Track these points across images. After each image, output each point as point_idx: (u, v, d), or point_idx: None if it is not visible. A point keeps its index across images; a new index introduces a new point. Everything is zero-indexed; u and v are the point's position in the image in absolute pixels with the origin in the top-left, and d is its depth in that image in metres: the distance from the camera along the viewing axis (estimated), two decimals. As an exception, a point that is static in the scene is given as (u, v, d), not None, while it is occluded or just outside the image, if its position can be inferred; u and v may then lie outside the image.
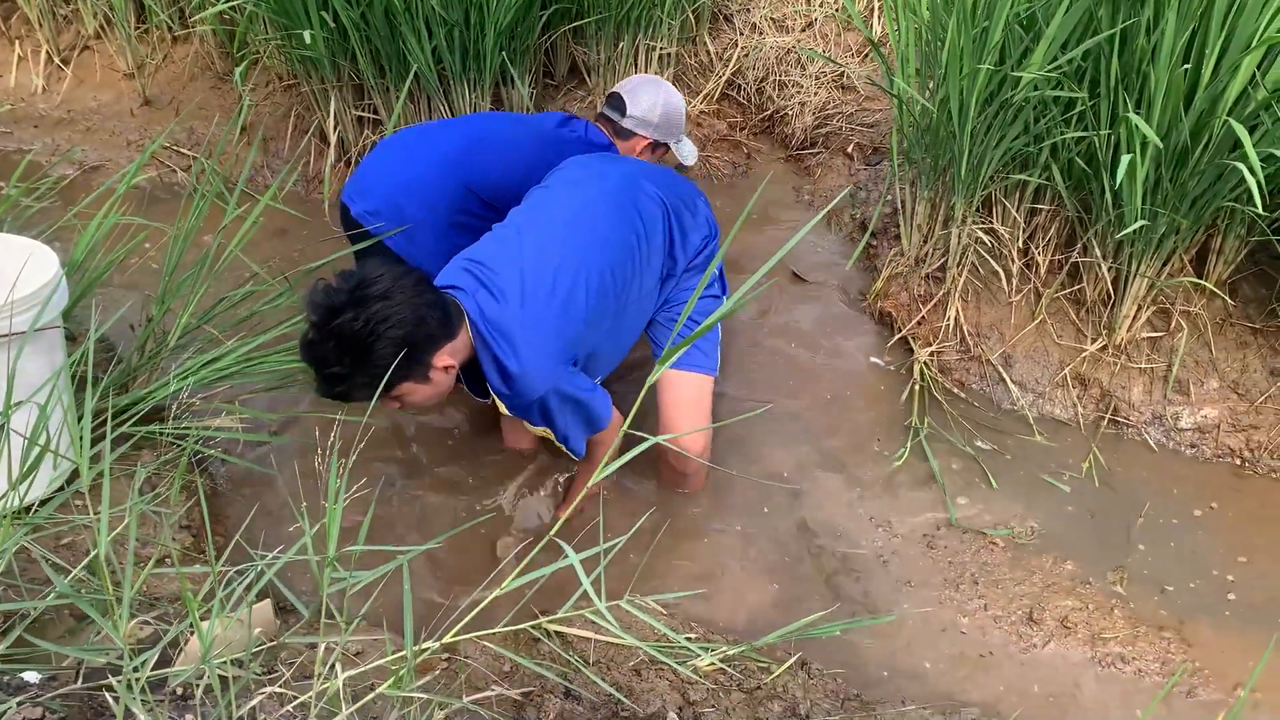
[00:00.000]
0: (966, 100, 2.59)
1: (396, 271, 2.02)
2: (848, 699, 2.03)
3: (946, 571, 2.44)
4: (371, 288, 1.96)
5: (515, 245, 2.28)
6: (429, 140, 2.73)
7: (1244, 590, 2.42)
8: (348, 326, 1.93)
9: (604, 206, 2.38)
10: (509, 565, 2.02)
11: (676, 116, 2.89)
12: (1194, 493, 2.65)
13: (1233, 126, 2.25)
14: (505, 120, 2.97)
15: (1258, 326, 2.77)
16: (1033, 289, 2.93)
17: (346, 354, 1.95)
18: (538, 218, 2.38)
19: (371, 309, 1.94)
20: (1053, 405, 2.87)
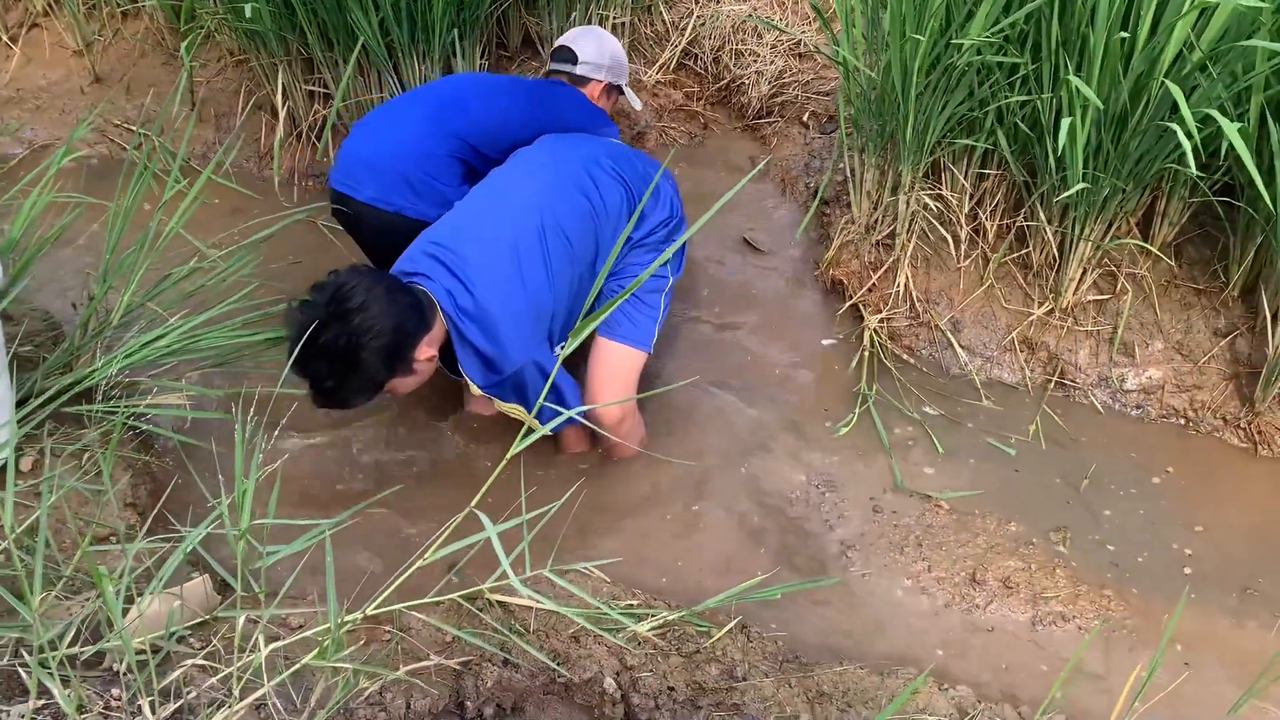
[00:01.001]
0: (910, 66, 2.58)
1: (368, 279, 2.08)
2: (786, 660, 2.06)
3: (891, 535, 2.46)
4: (348, 301, 2.02)
5: (477, 223, 2.34)
6: (406, 107, 2.77)
7: (1189, 548, 2.46)
8: (333, 344, 2.01)
9: (563, 179, 2.45)
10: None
11: (622, 57, 3.06)
12: (1138, 452, 2.68)
13: (1169, 88, 2.26)
14: (478, 76, 3.05)
15: (1201, 287, 2.79)
16: (980, 254, 2.94)
17: (336, 369, 2.04)
18: (498, 194, 2.43)
19: (353, 323, 2.01)
20: (1001, 369, 2.89)
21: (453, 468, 2.64)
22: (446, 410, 2.77)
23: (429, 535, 1.69)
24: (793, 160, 3.61)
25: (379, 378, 2.10)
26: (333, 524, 1.40)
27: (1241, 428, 2.69)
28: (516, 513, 1.57)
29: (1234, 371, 2.72)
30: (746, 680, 1.95)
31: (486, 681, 1.87)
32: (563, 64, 2.97)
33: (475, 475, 2.57)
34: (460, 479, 2.58)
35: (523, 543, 1.49)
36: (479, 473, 2.58)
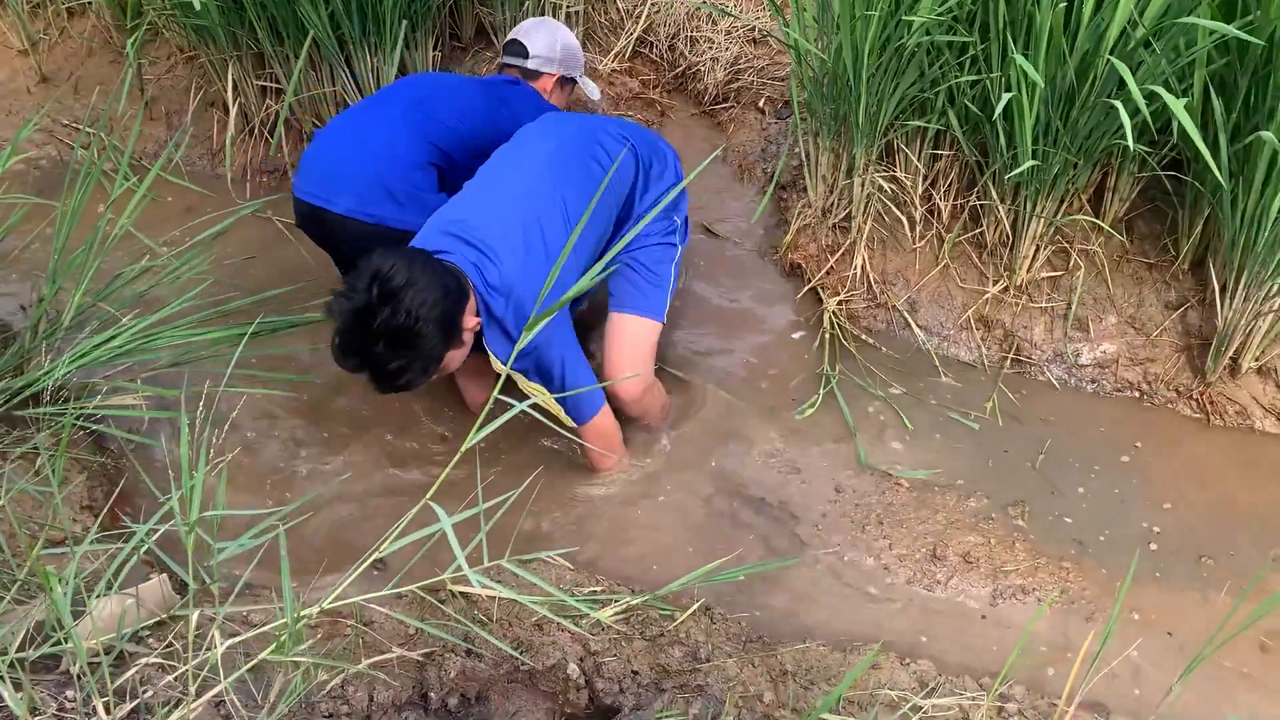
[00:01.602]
0: (860, 48, 2.59)
1: (404, 257, 2.03)
2: (750, 641, 2.07)
3: (853, 514, 2.48)
4: (393, 280, 1.97)
5: (494, 200, 2.31)
6: (374, 114, 2.71)
7: (1145, 517, 2.50)
8: (391, 323, 1.96)
9: (573, 148, 2.43)
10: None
11: (575, 49, 3.03)
12: (1095, 426, 2.72)
13: (1115, 65, 2.29)
14: (439, 77, 2.99)
15: (1153, 262, 2.83)
16: (936, 234, 2.96)
17: (399, 349, 2.00)
18: (510, 170, 2.40)
19: (405, 300, 1.96)
20: (958, 347, 2.91)
21: (421, 456, 2.63)
22: (417, 398, 2.76)
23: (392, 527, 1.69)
24: (750, 146, 3.62)
25: (439, 350, 2.05)
26: (282, 514, 1.39)
27: (1194, 399, 2.73)
28: (476, 502, 1.57)
29: (1185, 343, 2.76)
30: (710, 661, 1.96)
31: (450, 672, 1.87)
32: (514, 58, 2.96)
33: (442, 464, 2.56)
34: (430, 468, 2.58)
35: (479, 534, 1.49)
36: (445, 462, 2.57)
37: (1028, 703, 2.00)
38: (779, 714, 1.86)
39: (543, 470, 2.52)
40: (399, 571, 1.79)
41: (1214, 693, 2.11)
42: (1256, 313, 2.56)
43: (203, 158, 3.64)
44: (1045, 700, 2.01)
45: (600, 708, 1.90)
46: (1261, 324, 2.59)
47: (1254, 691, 2.14)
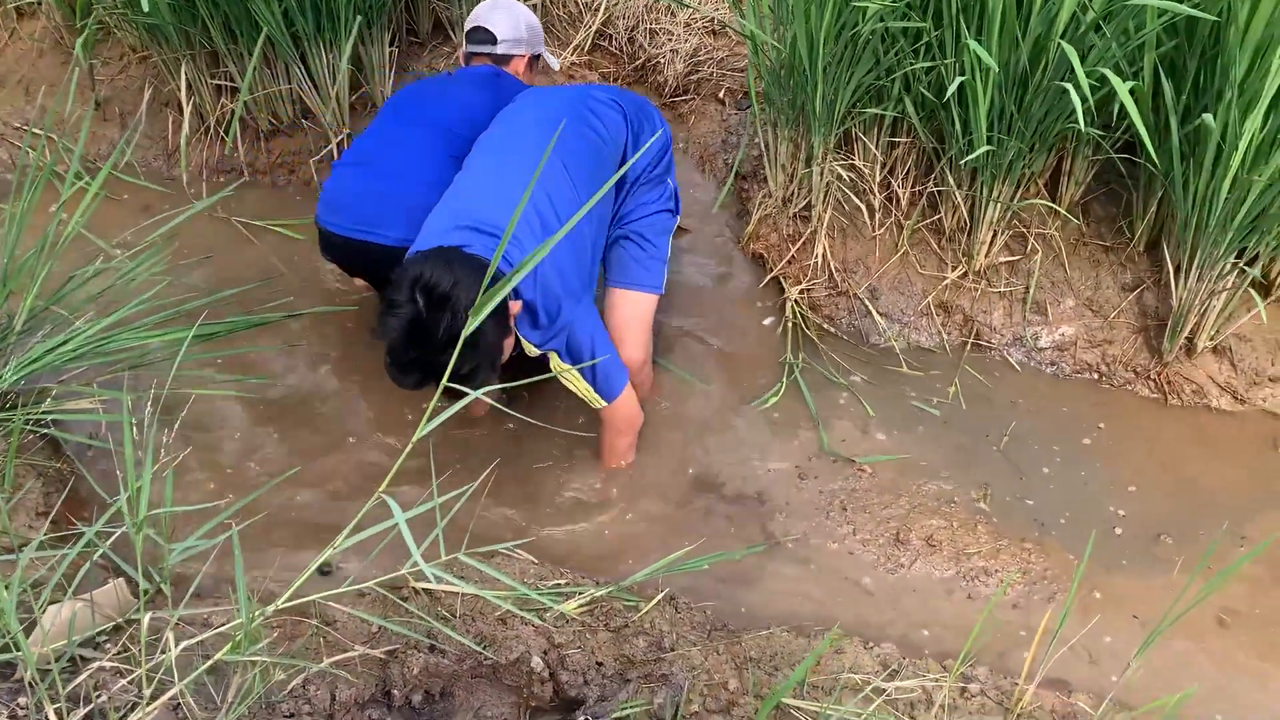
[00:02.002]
0: (815, 37, 2.60)
1: (438, 260, 1.99)
2: (714, 629, 2.07)
3: (817, 500, 2.50)
4: (439, 285, 1.94)
5: (496, 184, 2.27)
6: (400, 139, 2.68)
7: (1105, 497, 2.53)
8: (455, 328, 1.93)
9: (564, 118, 2.39)
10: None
11: (536, 24, 3.03)
12: (1055, 407, 2.75)
13: (1065, 49, 2.31)
14: (444, 88, 2.87)
15: (1108, 244, 2.86)
16: (895, 221, 2.98)
17: (466, 351, 1.89)
18: (506, 152, 2.36)
19: (460, 301, 1.94)
20: (918, 333, 2.93)
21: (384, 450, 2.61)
22: (372, 394, 2.74)
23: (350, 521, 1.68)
24: (710, 137, 3.62)
25: (500, 341, 2.06)
26: (233, 509, 1.37)
27: (1152, 379, 2.77)
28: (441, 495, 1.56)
29: (1142, 325, 2.79)
30: (674, 650, 1.96)
31: (413, 669, 1.86)
32: (482, 45, 2.92)
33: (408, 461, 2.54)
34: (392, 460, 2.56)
35: (436, 529, 1.48)
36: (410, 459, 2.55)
37: (990, 683, 2.02)
38: (743, 701, 1.87)
39: (504, 463, 2.52)
40: (358, 567, 1.77)
41: (1173, 668, 2.14)
42: (1210, 292, 2.60)
43: (158, 158, 3.59)
44: (1008, 680, 2.03)
45: (565, 700, 1.90)
46: (1215, 303, 2.63)
47: (1212, 665, 2.17)
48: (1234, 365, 2.72)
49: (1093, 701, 1.99)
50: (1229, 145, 2.33)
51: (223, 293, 2.67)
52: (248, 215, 3.34)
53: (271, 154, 3.52)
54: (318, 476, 2.52)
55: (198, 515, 1.50)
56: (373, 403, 2.73)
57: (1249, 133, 2.26)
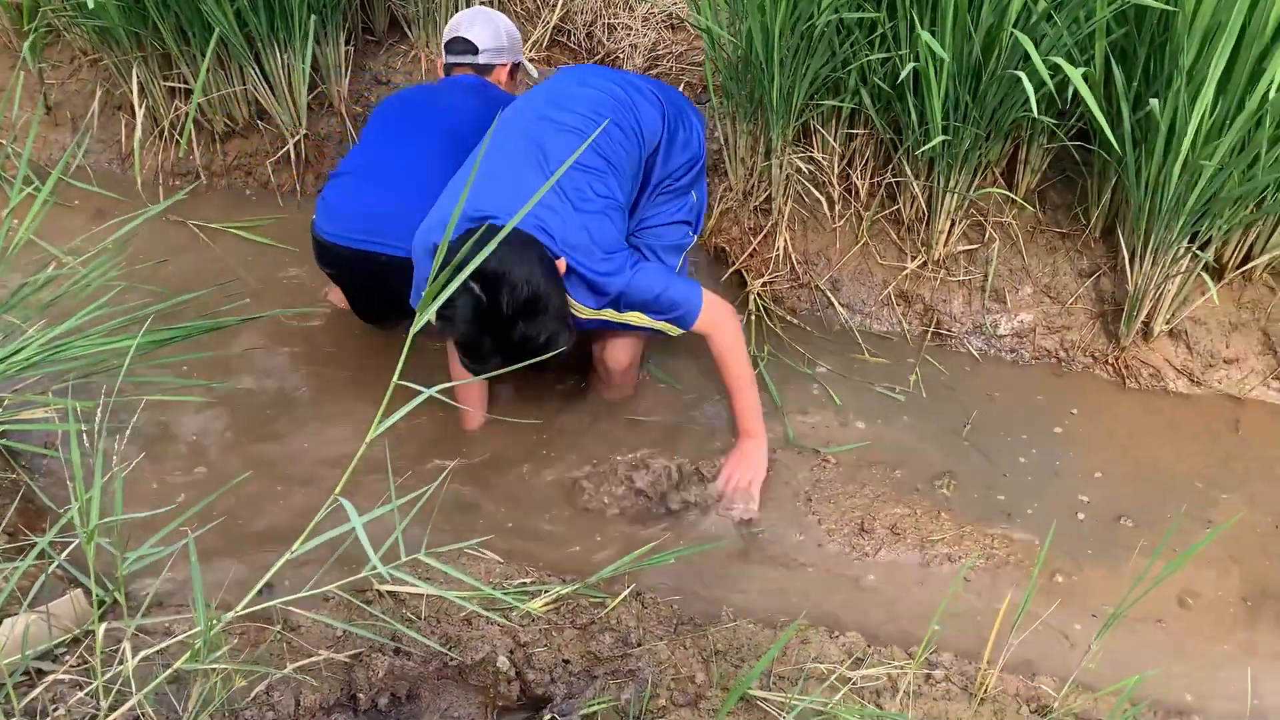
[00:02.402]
0: (771, 29, 2.60)
1: (510, 248, 1.93)
2: (681, 623, 2.08)
3: (782, 491, 2.50)
4: (485, 266, 1.78)
5: (534, 156, 2.23)
6: (401, 150, 2.67)
7: (1069, 481, 2.55)
8: (518, 299, 1.92)
9: (606, 103, 2.37)
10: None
11: (516, 33, 3.01)
12: (1014, 394, 2.77)
13: (1019, 38, 2.33)
14: (437, 96, 2.85)
15: (1064, 231, 2.88)
16: (854, 213, 2.99)
17: (537, 320, 1.96)
18: (553, 119, 2.32)
19: (514, 274, 1.92)
20: (880, 323, 2.95)
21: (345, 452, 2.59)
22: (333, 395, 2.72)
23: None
24: (670, 131, 3.62)
25: (562, 300, 2.04)
26: (186, 516, 1.36)
27: (1110, 364, 2.80)
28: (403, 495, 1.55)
29: (1099, 310, 2.82)
30: (641, 646, 1.96)
31: (378, 672, 1.85)
32: (463, 56, 2.89)
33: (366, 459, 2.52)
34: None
35: (396, 531, 1.47)
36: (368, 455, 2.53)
37: (955, 668, 2.03)
38: (710, 693, 1.87)
39: (469, 459, 2.51)
40: (321, 571, 1.76)
41: (1135, 650, 2.16)
42: (1165, 276, 2.63)
43: (112, 162, 3.55)
44: (972, 665, 2.05)
45: (532, 698, 1.90)
46: (1170, 287, 2.66)
47: (1172, 646, 2.20)
48: (1190, 348, 2.75)
49: (1056, 684, 2.01)
50: (1179, 130, 2.35)
51: (178, 298, 2.63)
52: (204, 218, 3.31)
53: (228, 156, 3.49)
54: (278, 479, 2.50)
55: (156, 523, 1.48)
56: (334, 403, 2.71)
57: (1197, 117, 2.29)
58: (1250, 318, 2.75)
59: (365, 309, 2.89)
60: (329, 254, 2.64)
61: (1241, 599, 2.30)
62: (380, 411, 1.31)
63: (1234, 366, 2.75)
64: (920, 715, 1.86)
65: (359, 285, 2.80)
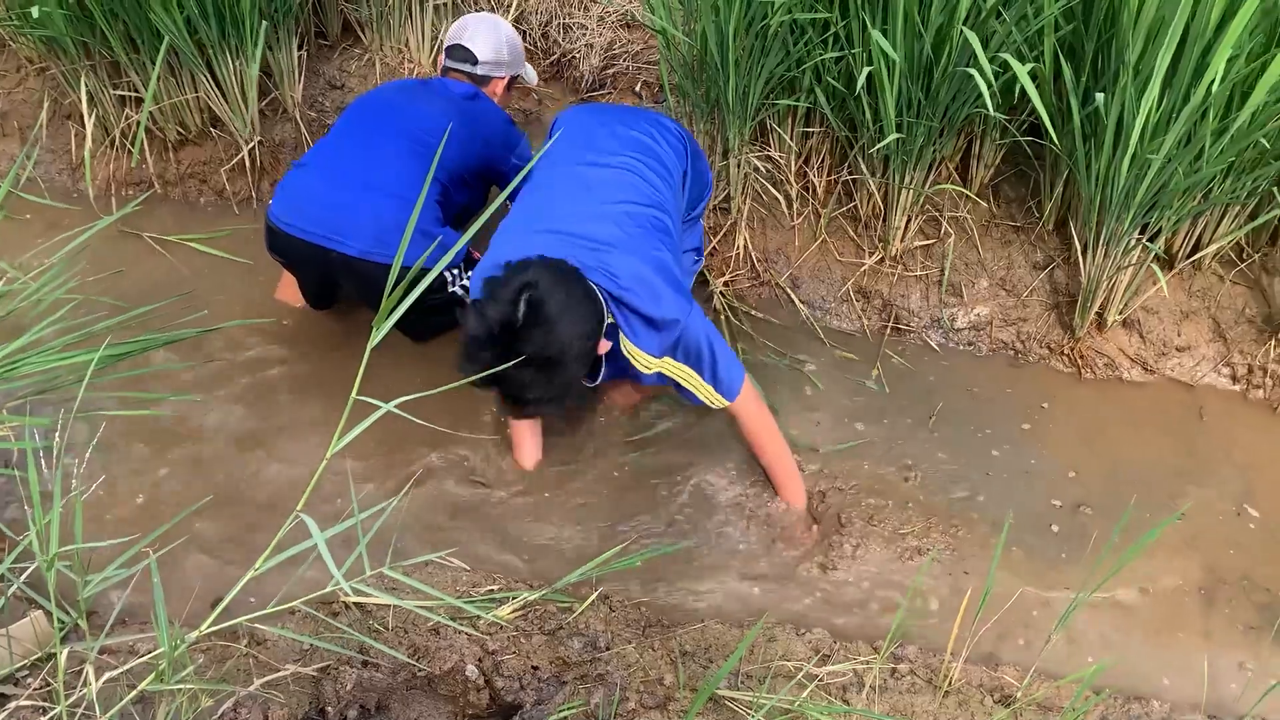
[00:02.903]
0: (725, 30, 2.62)
1: (557, 273, 1.91)
2: (649, 625, 2.09)
3: (750, 490, 2.51)
4: (548, 304, 1.85)
5: (587, 197, 2.22)
6: (373, 149, 2.65)
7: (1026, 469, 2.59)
8: (542, 352, 1.85)
9: (642, 137, 2.38)
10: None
11: (518, 44, 2.99)
12: (974, 386, 2.81)
13: (968, 36, 2.35)
14: (414, 99, 2.81)
15: (1019, 224, 2.92)
16: (812, 210, 3.02)
17: (540, 377, 1.89)
18: (589, 163, 2.31)
19: (559, 331, 1.86)
20: (840, 319, 2.98)
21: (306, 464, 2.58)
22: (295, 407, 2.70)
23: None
24: (628, 131, 3.62)
25: (578, 381, 1.99)
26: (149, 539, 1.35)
27: (1065, 354, 2.84)
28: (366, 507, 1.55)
29: (1054, 301, 2.86)
30: (610, 649, 1.97)
31: (346, 684, 1.84)
32: (461, 64, 2.87)
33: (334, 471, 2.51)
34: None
35: (360, 545, 1.47)
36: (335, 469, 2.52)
37: (920, 661, 2.06)
38: (679, 695, 1.88)
39: (433, 470, 2.51)
40: (286, 585, 1.75)
41: (1096, 637, 2.20)
42: (1117, 268, 2.67)
43: (62, 172, 3.49)
44: (937, 657, 2.07)
45: (502, 706, 1.90)
46: (1122, 278, 2.71)
47: (1134, 633, 2.24)
48: (1143, 337, 2.80)
49: (1018, 673, 2.04)
50: (1126, 125, 2.39)
51: (134, 310, 2.60)
52: (159, 230, 3.27)
53: (181, 165, 3.45)
54: (244, 491, 2.48)
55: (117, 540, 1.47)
56: (299, 413, 2.69)
57: (1144, 112, 2.33)
58: (1200, 306, 2.81)
59: (314, 298, 2.91)
60: (281, 242, 2.63)
61: (1198, 587, 2.34)
62: (339, 428, 1.31)
63: (1186, 354, 2.80)
64: (887, 709, 1.88)
65: (309, 276, 2.81)
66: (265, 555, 1.40)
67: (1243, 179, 2.54)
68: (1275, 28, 2.33)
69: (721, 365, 2.20)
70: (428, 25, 3.64)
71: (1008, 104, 2.70)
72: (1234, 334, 2.78)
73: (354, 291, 2.78)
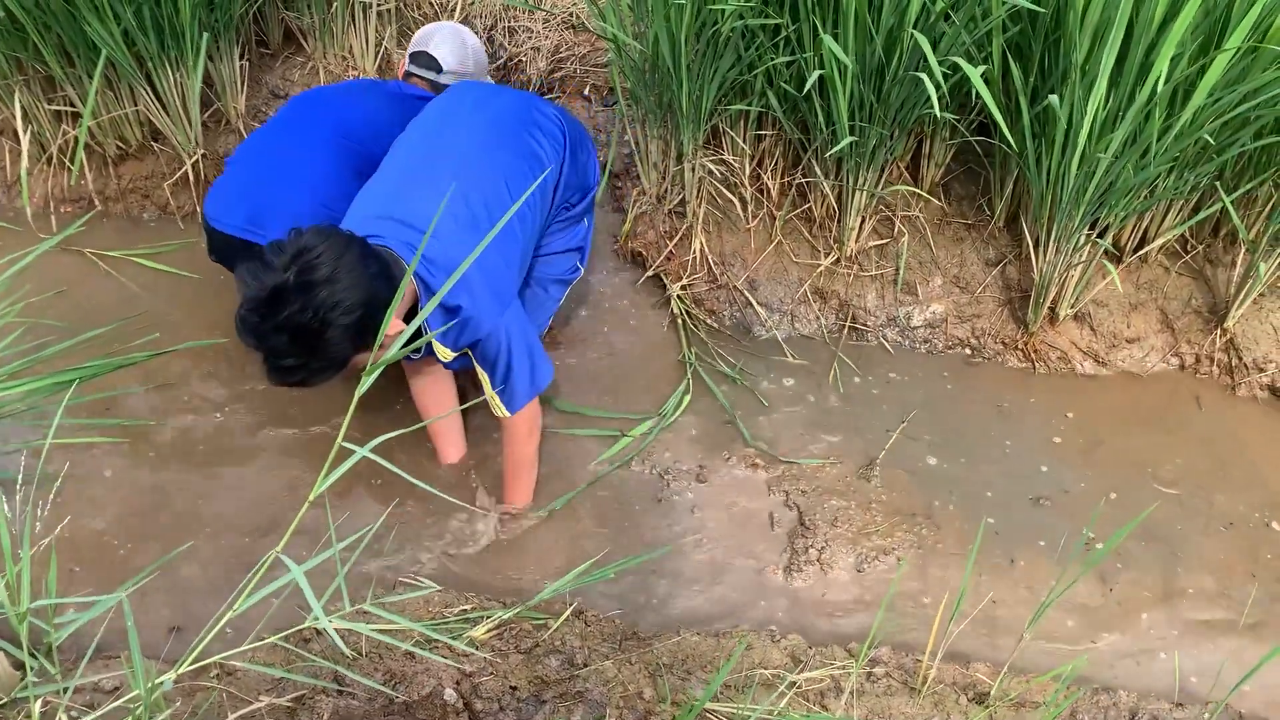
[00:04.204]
0: (676, 36, 2.61)
1: (336, 244, 1.84)
2: (626, 638, 2.09)
3: (719, 497, 2.52)
4: (316, 269, 1.80)
5: (431, 177, 2.16)
6: (298, 142, 2.59)
7: (984, 465, 2.63)
8: (298, 319, 1.79)
9: (509, 120, 2.33)
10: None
11: (483, 55, 2.95)
12: (933, 383, 2.85)
13: (918, 39, 2.37)
14: (350, 95, 2.77)
15: (970, 222, 2.96)
16: (767, 213, 3.03)
17: (299, 345, 1.82)
18: (445, 142, 2.26)
19: (319, 296, 1.79)
20: (798, 321, 2.99)
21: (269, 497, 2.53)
22: (262, 428, 2.65)
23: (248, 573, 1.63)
24: (579, 135, 3.61)
25: (344, 355, 1.89)
26: (124, 592, 1.32)
27: (1020, 349, 2.89)
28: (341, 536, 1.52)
29: (1007, 298, 2.91)
30: (588, 665, 1.97)
31: (322, 715, 1.82)
32: (425, 71, 2.83)
33: (298, 498, 2.47)
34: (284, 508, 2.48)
35: (337, 579, 1.45)
36: (300, 497, 2.48)
37: (894, 662, 2.09)
38: (659, 709, 1.89)
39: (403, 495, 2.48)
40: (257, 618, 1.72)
41: (1067, 630, 2.25)
42: (1068, 264, 2.72)
43: (-2, 191, 3.39)
44: (910, 657, 2.10)
45: (482, 728, 1.89)
46: (1073, 273, 2.76)
47: (1101, 627, 2.29)
48: (1094, 330, 2.86)
49: (991, 671, 2.07)
50: (1075, 124, 2.44)
51: (84, 334, 2.53)
52: (102, 246, 3.19)
53: (121, 180, 3.36)
54: (206, 521, 2.43)
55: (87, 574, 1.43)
56: (263, 438, 2.64)
57: (1092, 111, 2.37)
58: (1148, 298, 2.87)
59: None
60: (215, 242, 2.58)
61: (1166, 579, 2.40)
62: (324, 473, 1.29)
63: (1135, 345, 2.87)
64: (865, 713, 1.90)
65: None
66: (245, 594, 1.37)
67: (1185, 175, 2.60)
68: (1215, 27, 2.38)
69: (515, 378, 2.18)
70: (371, 31, 3.59)
71: (957, 104, 2.73)
72: (1180, 324, 2.85)
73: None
